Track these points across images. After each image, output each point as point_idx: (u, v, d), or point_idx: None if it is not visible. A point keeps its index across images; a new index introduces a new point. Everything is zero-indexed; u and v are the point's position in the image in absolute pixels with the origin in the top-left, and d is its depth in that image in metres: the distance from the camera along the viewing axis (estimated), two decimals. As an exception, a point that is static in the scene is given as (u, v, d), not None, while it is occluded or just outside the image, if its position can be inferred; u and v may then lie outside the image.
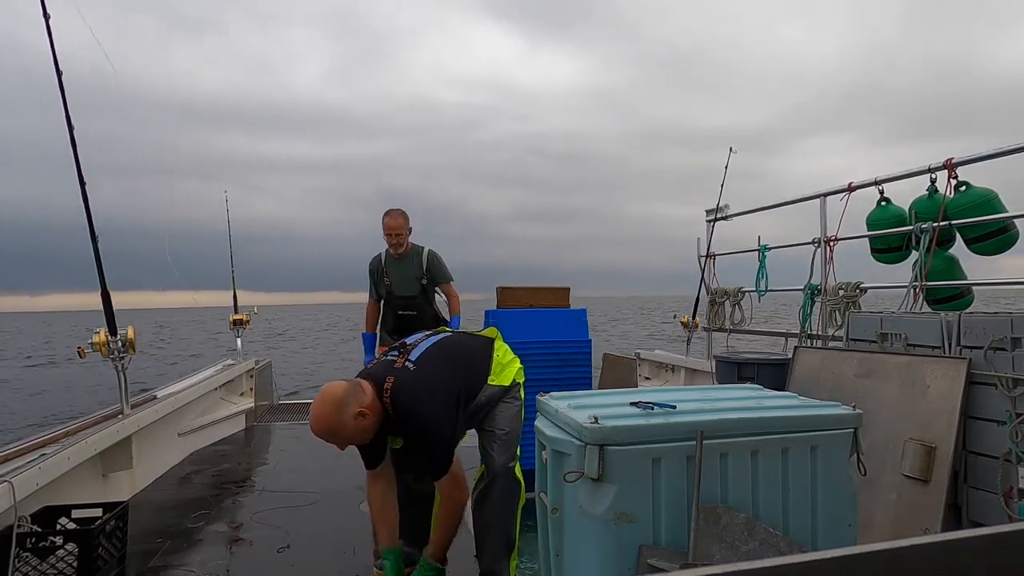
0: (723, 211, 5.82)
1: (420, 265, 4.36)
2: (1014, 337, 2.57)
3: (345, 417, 2.27)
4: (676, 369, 6.54)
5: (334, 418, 2.27)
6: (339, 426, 2.28)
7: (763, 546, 1.74)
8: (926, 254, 3.58)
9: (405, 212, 4.30)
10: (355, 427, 2.30)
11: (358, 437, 2.37)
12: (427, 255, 4.38)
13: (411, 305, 4.40)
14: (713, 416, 1.89)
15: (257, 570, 2.99)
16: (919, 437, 2.78)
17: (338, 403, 2.28)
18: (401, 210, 4.29)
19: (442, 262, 4.42)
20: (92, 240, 3.68)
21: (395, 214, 4.27)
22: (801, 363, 3.62)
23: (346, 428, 2.29)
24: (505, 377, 2.72)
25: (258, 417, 6.75)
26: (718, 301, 5.80)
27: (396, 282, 4.36)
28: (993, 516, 2.57)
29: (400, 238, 4.25)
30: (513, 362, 2.80)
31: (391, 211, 4.29)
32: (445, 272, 4.43)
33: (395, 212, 4.29)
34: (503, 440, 2.61)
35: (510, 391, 2.72)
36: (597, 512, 1.75)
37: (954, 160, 3.46)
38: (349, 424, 2.28)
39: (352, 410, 2.28)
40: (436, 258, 4.41)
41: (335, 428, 2.29)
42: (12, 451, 3.12)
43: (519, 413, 2.72)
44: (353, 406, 2.29)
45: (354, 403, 2.30)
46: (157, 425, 4.42)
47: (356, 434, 2.34)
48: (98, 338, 3.66)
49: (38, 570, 2.57)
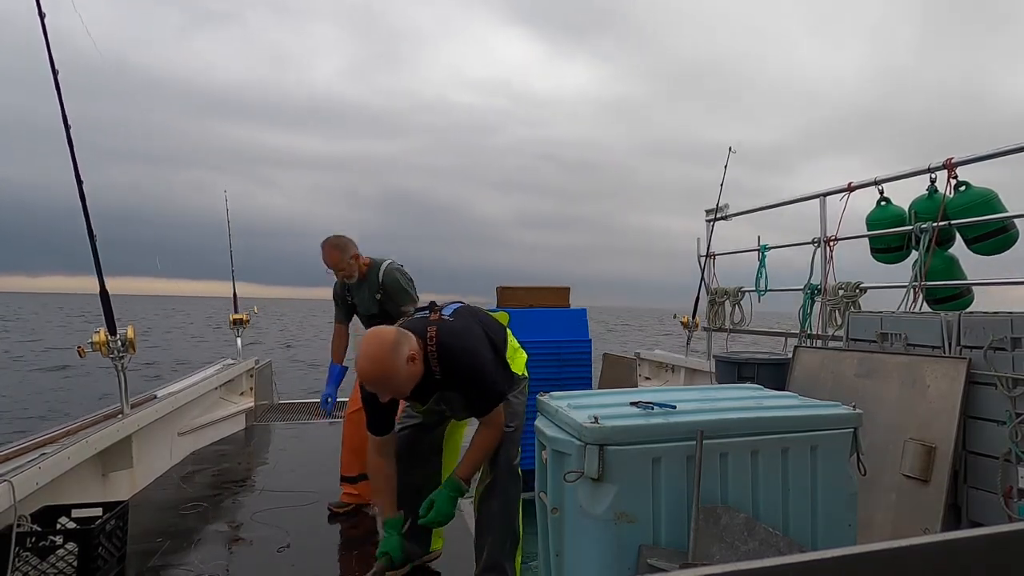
0: (723, 211, 5.82)
1: (376, 281, 3.74)
2: (1014, 337, 2.57)
3: (400, 359, 2.16)
4: (676, 369, 6.54)
5: (390, 359, 2.14)
6: (393, 369, 2.15)
7: (763, 546, 1.74)
8: (926, 254, 3.58)
9: (339, 242, 3.66)
10: (407, 372, 2.19)
11: (406, 385, 2.24)
12: (383, 272, 3.72)
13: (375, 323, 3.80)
14: (713, 416, 1.89)
15: (257, 570, 2.99)
16: (919, 437, 2.78)
17: (393, 344, 2.17)
18: (333, 242, 3.65)
19: (399, 281, 3.73)
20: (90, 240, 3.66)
21: (327, 249, 3.65)
22: (801, 363, 3.62)
23: (399, 372, 2.17)
24: (517, 364, 2.70)
25: (258, 417, 6.75)
26: (718, 301, 5.80)
27: (358, 301, 3.84)
28: (993, 516, 2.57)
29: (344, 272, 3.67)
30: (520, 352, 2.78)
31: (322, 245, 3.67)
32: (402, 293, 3.73)
33: (326, 247, 3.65)
34: (508, 436, 2.57)
35: (517, 383, 2.68)
36: (597, 512, 1.75)
37: (954, 160, 3.46)
38: (402, 368, 2.17)
39: (405, 352, 2.18)
40: (392, 275, 3.72)
41: (389, 371, 2.15)
42: (12, 451, 3.12)
43: (523, 408, 2.70)
44: (406, 349, 2.19)
45: (407, 346, 2.20)
46: (157, 425, 4.42)
47: (406, 381, 2.22)
48: (98, 337, 3.66)
49: (38, 569, 2.57)
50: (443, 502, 2.40)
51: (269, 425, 6.53)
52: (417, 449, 2.79)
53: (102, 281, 3.69)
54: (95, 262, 3.68)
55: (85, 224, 3.63)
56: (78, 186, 3.59)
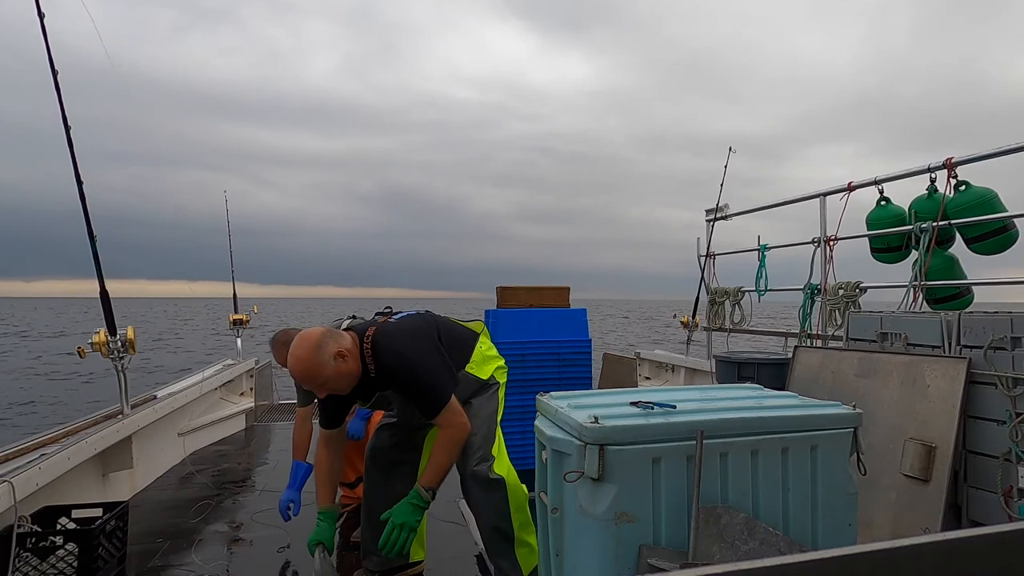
0: (723, 211, 5.82)
1: None
2: (1014, 336, 2.57)
3: (324, 356, 2.21)
4: (676, 369, 6.54)
5: (312, 357, 2.19)
6: (318, 366, 2.20)
7: (763, 546, 1.74)
8: (925, 254, 3.58)
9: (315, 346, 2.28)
10: (335, 370, 2.23)
11: (339, 383, 2.28)
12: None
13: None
14: (713, 416, 1.89)
15: (257, 570, 2.99)
16: (919, 437, 2.78)
17: (316, 341, 2.22)
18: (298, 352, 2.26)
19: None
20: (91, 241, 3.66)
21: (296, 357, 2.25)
22: (801, 363, 3.62)
23: (325, 368, 2.21)
24: (484, 370, 2.63)
25: (258, 417, 6.76)
26: (718, 301, 5.80)
27: None
28: (993, 516, 2.57)
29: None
30: (496, 359, 2.74)
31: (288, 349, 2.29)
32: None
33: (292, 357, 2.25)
34: (470, 443, 2.49)
35: (488, 387, 2.64)
36: (597, 512, 1.75)
37: (954, 159, 3.46)
38: (328, 365, 2.22)
39: (331, 350, 2.22)
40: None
41: (313, 367, 2.20)
42: (12, 451, 3.12)
43: (494, 414, 2.63)
44: (332, 346, 2.23)
45: (333, 344, 2.24)
46: (157, 425, 4.42)
47: (336, 378, 2.25)
48: (98, 338, 3.66)
49: (38, 570, 2.57)
50: (400, 512, 2.31)
51: (269, 425, 6.54)
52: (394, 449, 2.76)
53: (102, 282, 3.69)
54: (95, 263, 3.68)
55: (85, 225, 3.63)
56: (78, 187, 3.59)
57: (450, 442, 2.38)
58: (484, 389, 2.64)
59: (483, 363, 2.65)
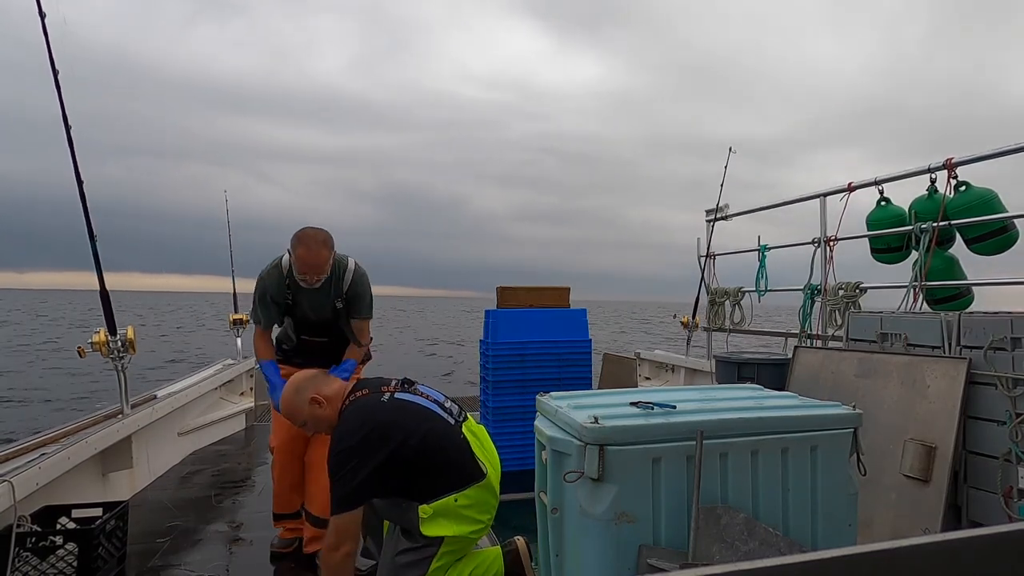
0: (723, 211, 5.82)
1: (340, 285, 3.04)
2: (1014, 337, 2.57)
3: (299, 400, 2.35)
4: (676, 369, 6.55)
5: (289, 397, 2.38)
6: (294, 407, 2.37)
7: (763, 546, 1.74)
8: (926, 254, 3.58)
9: (327, 238, 2.90)
10: (310, 413, 2.35)
11: (317, 426, 2.39)
12: (352, 275, 3.05)
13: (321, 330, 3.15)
14: (713, 416, 1.89)
15: (257, 570, 2.99)
16: (919, 437, 2.78)
17: (296, 384, 2.39)
18: (322, 238, 2.87)
19: (367, 291, 3.12)
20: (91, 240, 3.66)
21: (314, 247, 2.84)
22: (801, 363, 3.62)
23: (300, 411, 2.36)
24: (432, 526, 2.15)
25: (258, 417, 6.75)
26: (718, 301, 5.80)
27: (309, 304, 3.07)
28: (993, 516, 2.57)
29: (320, 278, 2.90)
30: (468, 523, 2.22)
31: (307, 240, 2.84)
32: (366, 307, 3.13)
33: (312, 242, 2.84)
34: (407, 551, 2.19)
35: (422, 548, 2.18)
36: (597, 512, 1.75)
37: (954, 160, 3.46)
38: (304, 408, 2.35)
39: (307, 395, 2.34)
40: (363, 282, 3.10)
41: (289, 408, 2.38)
42: (12, 451, 3.12)
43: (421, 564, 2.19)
44: (310, 391, 2.34)
45: (311, 389, 2.35)
46: (157, 425, 4.42)
47: (312, 421, 2.37)
48: (98, 338, 3.66)
49: (38, 569, 2.57)
50: None
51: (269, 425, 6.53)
52: None
53: (102, 281, 3.69)
54: (95, 262, 3.68)
55: (86, 224, 3.62)
56: (78, 186, 3.58)
57: (324, 561, 2.13)
58: (418, 549, 2.19)
59: (440, 517, 2.16)
